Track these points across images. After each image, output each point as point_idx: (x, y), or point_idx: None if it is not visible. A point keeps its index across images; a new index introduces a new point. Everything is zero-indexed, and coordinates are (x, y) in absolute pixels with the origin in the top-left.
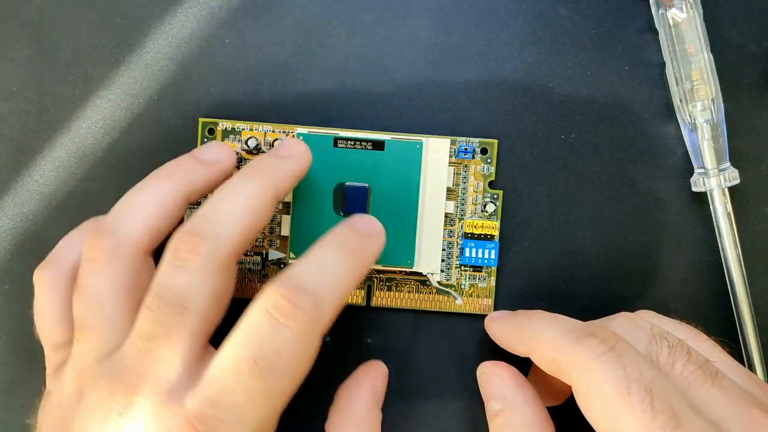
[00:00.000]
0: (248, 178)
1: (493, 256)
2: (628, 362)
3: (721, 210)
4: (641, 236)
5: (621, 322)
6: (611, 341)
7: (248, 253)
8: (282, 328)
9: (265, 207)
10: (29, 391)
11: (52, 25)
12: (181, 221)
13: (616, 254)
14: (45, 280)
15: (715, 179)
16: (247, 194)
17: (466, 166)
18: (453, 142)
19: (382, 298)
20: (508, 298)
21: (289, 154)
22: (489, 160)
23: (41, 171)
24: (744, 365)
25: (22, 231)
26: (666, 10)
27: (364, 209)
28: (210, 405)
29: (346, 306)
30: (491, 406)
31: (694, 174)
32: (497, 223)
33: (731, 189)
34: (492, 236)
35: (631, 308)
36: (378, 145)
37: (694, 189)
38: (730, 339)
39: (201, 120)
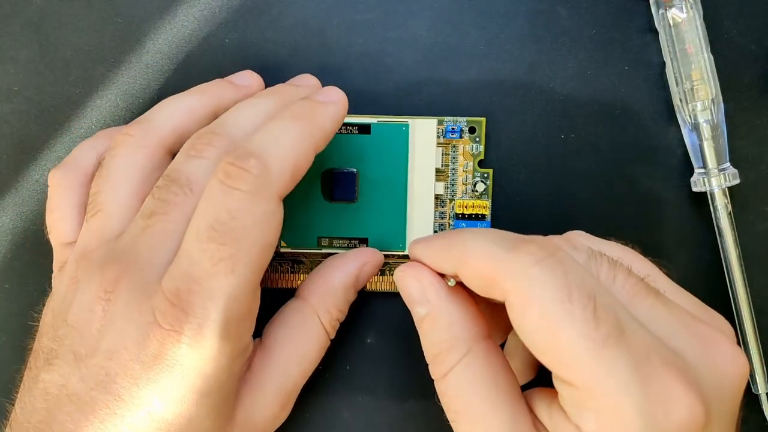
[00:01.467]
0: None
1: None
2: (570, 268)
3: (721, 210)
4: (641, 236)
5: (556, 242)
6: (550, 248)
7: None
8: (232, 192)
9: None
10: None
11: (52, 25)
12: None
13: None
14: (59, 178)
15: (715, 179)
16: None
17: (454, 146)
18: (440, 122)
19: (376, 283)
20: None
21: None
22: (477, 139)
23: (41, 171)
24: None
25: (22, 231)
26: (666, 10)
27: (352, 194)
28: (182, 279)
29: None
30: (416, 312)
31: (694, 174)
32: (488, 202)
33: (731, 189)
34: (483, 215)
35: None
36: (364, 128)
37: (694, 189)
38: None
39: None
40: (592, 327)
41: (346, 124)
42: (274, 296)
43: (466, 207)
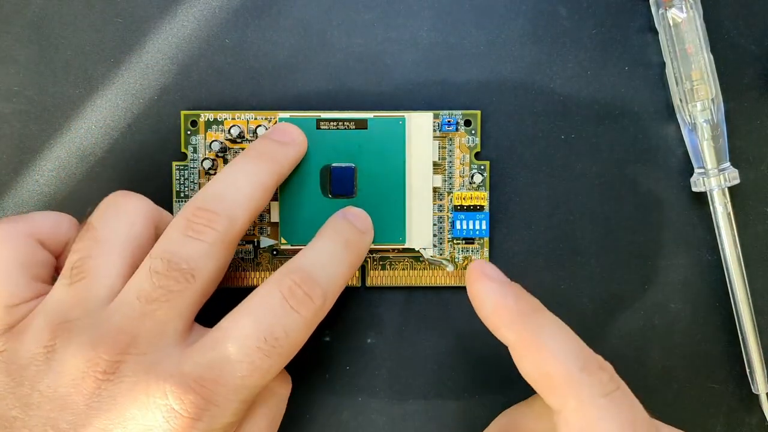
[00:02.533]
0: (255, 161)
1: (484, 227)
2: (636, 406)
3: (721, 210)
4: (641, 236)
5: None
6: (617, 380)
7: (240, 243)
8: (293, 314)
9: (268, 191)
10: None
11: (52, 25)
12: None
13: (616, 254)
14: (6, 232)
15: (715, 179)
16: (256, 176)
17: (450, 140)
18: (436, 116)
19: (377, 278)
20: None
21: (288, 140)
22: (473, 132)
23: (41, 171)
24: (745, 365)
25: None
26: (666, 10)
27: (351, 189)
28: (209, 369)
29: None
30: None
31: (694, 174)
32: (486, 194)
33: (731, 189)
34: (481, 207)
35: (631, 308)
36: (361, 123)
37: (694, 189)
38: (730, 339)
39: (183, 113)
40: None
41: (342, 120)
42: None
43: (464, 199)
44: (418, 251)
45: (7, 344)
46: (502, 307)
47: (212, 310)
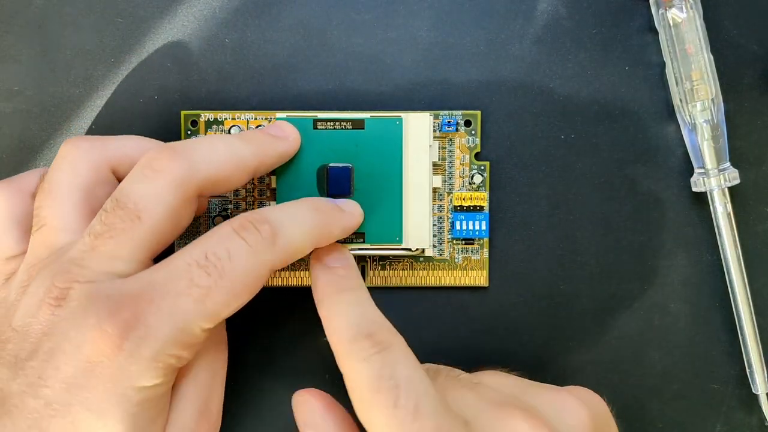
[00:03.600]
0: (241, 139)
1: (483, 227)
2: (387, 363)
3: (721, 210)
4: (641, 236)
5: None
6: (384, 344)
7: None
8: (238, 239)
9: (247, 169)
10: None
11: (53, 25)
12: None
13: (616, 254)
14: (6, 190)
15: (715, 179)
16: (237, 148)
17: (450, 140)
18: (436, 116)
19: (377, 278)
20: (503, 271)
21: (281, 134)
22: (473, 132)
23: None
24: (745, 365)
25: None
26: (666, 10)
27: (348, 190)
28: (146, 287)
29: None
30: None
31: (694, 174)
32: (486, 194)
33: (731, 189)
34: (481, 207)
35: (631, 308)
36: (358, 123)
37: (694, 189)
38: (730, 339)
39: (183, 113)
40: (392, 413)
41: (339, 120)
42: (273, 295)
43: (464, 199)
44: (416, 251)
45: (3, 292)
46: (315, 288)
47: None
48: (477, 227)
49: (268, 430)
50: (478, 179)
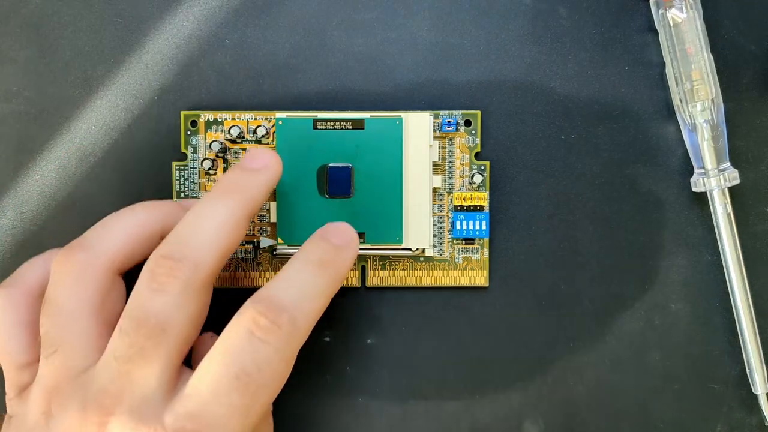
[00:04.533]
0: (222, 198)
1: (484, 227)
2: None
3: (721, 210)
4: (641, 236)
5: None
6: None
7: (240, 243)
8: (262, 345)
9: (240, 226)
10: None
11: (51, 25)
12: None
13: (616, 254)
14: (4, 297)
15: (715, 179)
16: (222, 215)
17: (450, 140)
18: (436, 116)
19: (377, 278)
20: (503, 271)
21: (259, 165)
22: (473, 132)
23: (41, 171)
24: (745, 365)
25: (22, 231)
26: (666, 10)
27: (348, 190)
28: (189, 419)
29: (342, 289)
30: None
31: (694, 174)
32: (486, 194)
33: (731, 189)
34: (482, 207)
35: (631, 308)
36: (358, 123)
37: (694, 189)
38: (730, 339)
39: (183, 113)
40: None
41: (339, 120)
42: None
43: (464, 199)
44: (416, 251)
45: (17, 408)
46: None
47: (213, 311)
48: (477, 227)
49: None
50: (478, 179)
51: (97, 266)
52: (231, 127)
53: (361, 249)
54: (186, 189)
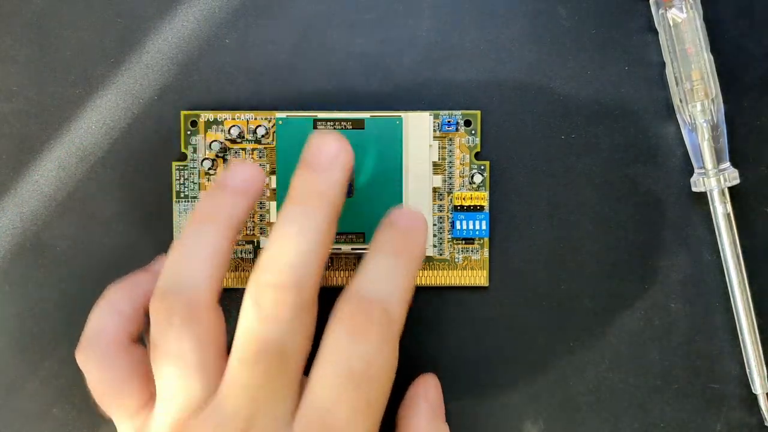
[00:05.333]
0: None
1: (484, 227)
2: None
3: (721, 210)
4: (641, 236)
5: None
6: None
7: (240, 242)
8: (362, 342)
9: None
10: (29, 392)
11: (52, 25)
12: None
13: (616, 254)
14: (92, 359)
15: (715, 179)
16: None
17: (450, 140)
18: (436, 116)
19: None
20: (503, 271)
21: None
22: (473, 132)
23: (41, 171)
24: (745, 365)
25: (22, 231)
26: (666, 10)
27: (348, 190)
28: (318, 427)
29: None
30: None
31: (694, 174)
32: (486, 194)
33: (731, 189)
34: (482, 207)
35: (631, 308)
36: (358, 123)
37: (694, 189)
38: (730, 339)
39: (183, 113)
40: None
41: (339, 120)
42: None
43: (464, 199)
44: None
45: None
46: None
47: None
48: (477, 227)
49: None
50: (478, 179)
51: (197, 309)
52: (231, 127)
53: (361, 249)
54: (186, 189)
